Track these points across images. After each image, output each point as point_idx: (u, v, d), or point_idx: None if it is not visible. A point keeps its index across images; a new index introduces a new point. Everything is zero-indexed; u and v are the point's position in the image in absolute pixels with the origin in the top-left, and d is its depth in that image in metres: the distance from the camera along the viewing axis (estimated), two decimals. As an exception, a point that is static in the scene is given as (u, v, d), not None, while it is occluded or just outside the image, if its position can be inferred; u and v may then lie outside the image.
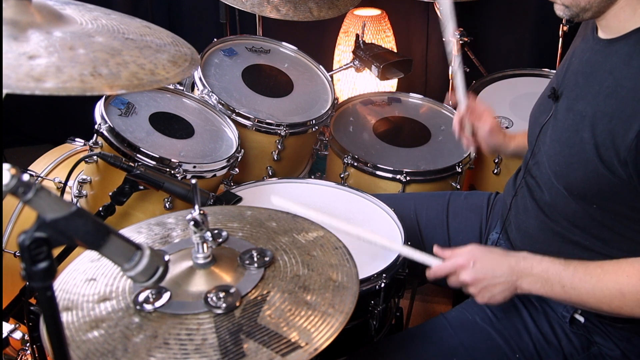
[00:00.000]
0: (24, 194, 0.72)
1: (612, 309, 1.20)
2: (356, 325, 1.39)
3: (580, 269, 1.22)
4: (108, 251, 0.81)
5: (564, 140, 1.27)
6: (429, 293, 2.41)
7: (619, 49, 1.20)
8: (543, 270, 1.24)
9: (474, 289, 1.28)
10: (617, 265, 1.20)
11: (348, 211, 1.60)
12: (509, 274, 1.25)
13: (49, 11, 1.01)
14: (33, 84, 0.82)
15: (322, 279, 0.98)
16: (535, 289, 1.25)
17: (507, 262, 1.26)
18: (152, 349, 0.86)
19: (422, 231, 1.64)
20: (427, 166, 2.04)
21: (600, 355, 1.32)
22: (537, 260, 1.25)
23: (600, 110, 1.20)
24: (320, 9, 2.15)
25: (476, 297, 1.29)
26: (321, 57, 2.50)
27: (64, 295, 0.97)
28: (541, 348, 1.33)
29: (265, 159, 2.03)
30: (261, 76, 2.13)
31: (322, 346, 0.86)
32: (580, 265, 1.22)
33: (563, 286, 1.22)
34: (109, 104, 1.73)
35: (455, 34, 1.61)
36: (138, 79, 0.92)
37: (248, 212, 1.19)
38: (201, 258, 0.97)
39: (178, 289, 0.95)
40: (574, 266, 1.22)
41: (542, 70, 2.46)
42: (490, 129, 1.59)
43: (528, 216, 1.39)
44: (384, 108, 2.32)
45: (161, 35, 1.12)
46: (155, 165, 1.61)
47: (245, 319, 0.90)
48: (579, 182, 1.24)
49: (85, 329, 0.90)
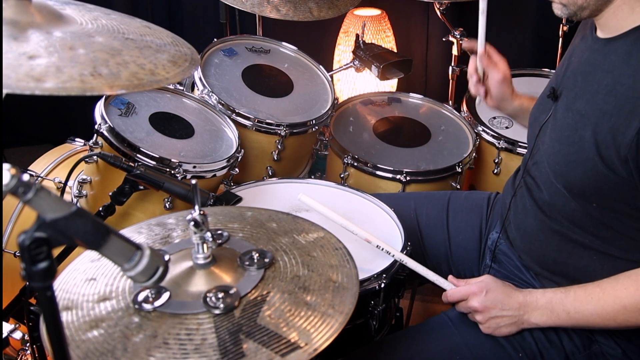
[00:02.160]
0: (24, 194, 0.72)
1: (619, 323, 1.22)
2: (356, 326, 1.39)
3: (580, 293, 1.25)
4: (108, 251, 0.81)
5: (564, 139, 1.27)
6: (429, 293, 2.41)
7: (618, 47, 1.20)
8: (547, 302, 1.28)
9: (482, 317, 1.32)
10: (615, 281, 1.23)
11: (348, 211, 1.60)
12: (516, 309, 1.30)
13: (49, 11, 1.01)
14: (33, 84, 0.82)
15: (322, 280, 0.98)
16: (543, 321, 1.29)
17: (515, 297, 1.31)
18: (151, 349, 0.86)
19: (422, 231, 1.64)
20: (427, 166, 2.04)
21: (601, 354, 1.32)
22: (541, 293, 1.30)
23: (599, 108, 1.20)
24: (320, 9, 2.15)
25: (482, 325, 1.32)
26: (321, 57, 2.49)
27: (63, 295, 0.97)
28: (543, 346, 1.33)
29: (265, 159, 2.03)
30: (261, 76, 2.13)
31: (321, 347, 0.86)
32: (579, 288, 1.26)
33: (568, 312, 1.26)
34: (109, 104, 1.73)
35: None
36: (138, 79, 0.92)
37: (248, 212, 1.19)
38: (201, 258, 0.97)
39: (178, 288, 0.95)
40: (574, 291, 1.26)
41: (542, 70, 2.46)
42: (502, 78, 1.57)
43: (527, 216, 1.39)
44: (384, 108, 2.32)
45: (161, 35, 1.12)
46: (155, 165, 1.61)
47: (244, 319, 0.90)
48: (578, 181, 1.24)
49: (85, 328, 0.90)
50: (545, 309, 1.28)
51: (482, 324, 1.32)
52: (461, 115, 2.27)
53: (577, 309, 1.25)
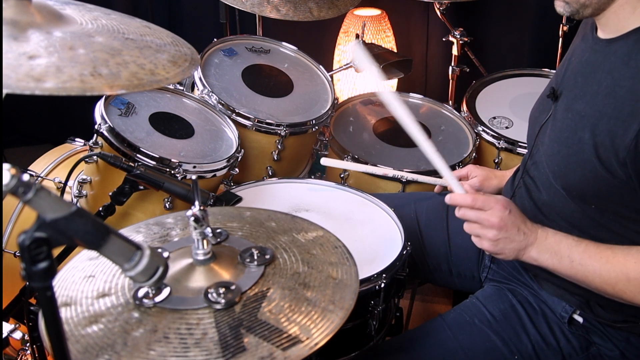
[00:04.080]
0: (24, 194, 0.72)
1: (616, 291, 1.20)
2: (356, 326, 1.39)
3: (592, 247, 1.22)
4: (108, 251, 0.81)
5: (563, 140, 1.27)
6: (429, 293, 2.41)
7: (618, 48, 1.20)
8: (556, 242, 1.25)
9: (494, 234, 1.24)
10: (627, 251, 1.20)
11: (348, 211, 1.60)
12: (527, 235, 1.25)
13: (49, 11, 1.01)
14: (33, 84, 0.82)
15: (322, 277, 0.98)
16: (544, 259, 1.25)
17: (530, 225, 1.26)
18: (152, 343, 0.86)
19: (422, 231, 1.64)
20: (427, 166, 2.03)
21: (599, 356, 1.32)
22: (552, 232, 1.26)
23: (599, 110, 1.19)
24: (320, 9, 2.15)
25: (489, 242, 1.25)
26: (321, 57, 2.50)
27: (62, 292, 0.97)
28: (540, 349, 1.33)
29: (265, 159, 2.03)
30: (261, 76, 2.13)
31: (322, 341, 0.86)
32: (592, 244, 1.23)
33: (572, 261, 1.22)
34: (109, 104, 1.73)
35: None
36: (138, 79, 0.92)
37: (247, 212, 1.19)
38: (201, 254, 0.97)
39: (178, 285, 0.95)
40: (586, 244, 1.23)
41: (542, 70, 2.46)
42: (480, 181, 1.64)
43: (526, 216, 1.39)
44: (384, 108, 2.32)
45: (161, 35, 1.12)
46: (155, 165, 1.62)
47: (245, 315, 0.90)
48: (577, 183, 1.24)
49: (84, 323, 0.90)
50: (551, 247, 1.24)
51: (491, 239, 1.25)
52: (461, 115, 2.27)
53: (582, 261, 1.21)
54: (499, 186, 1.64)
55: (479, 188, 1.64)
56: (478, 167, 1.68)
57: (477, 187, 1.64)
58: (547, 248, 1.25)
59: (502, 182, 1.64)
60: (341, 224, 1.54)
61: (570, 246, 1.23)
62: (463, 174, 1.68)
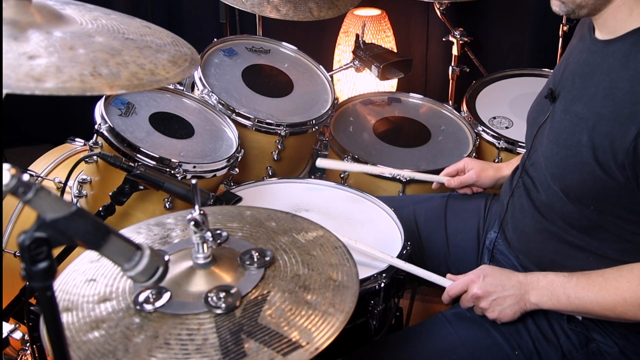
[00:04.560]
0: (24, 194, 0.72)
1: (617, 315, 1.22)
2: (356, 325, 1.39)
3: (583, 279, 1.25)
4: (108, 251, 0.81)
5: (561, 142, 1.27)
6: (429, 293, 2.41)
7: (616, 50, 1.20)
8: (548, 283, 1.28)
9: (485, 303, 1.31)
10: (618, 272, 1.22)
11: (348, 211, 1.60)
12: (517, 288, 1.29)
13: (49, 11, 1.01)
14: (33, 84, 0.82)
15: (322, 279, 0.98)
16: (543, 302, 1.28)
17: (515, 277, 1.31)
18: (153, 349, 0.86)
19: (421, 232, 1.64)
20: (427, 166, 2.04)
21: (598, 353, 1.33)
22: (542, 275, 1.29)
23: (597, 112, 1.19)
24: (320, 9, 2.15)
25: (487, 311, 1.32)
26: (321, 57, 2.50)
27: (64, 296, 0.97)
28: (540, 345, 1.33)
29: (265, 159, 2.03)
30: (261, 76, 2.13)
31: (323, 345, 0.86)
32: (582, 275, 1.25)
33: (568, 297, 1.25)
34: (109, 104, 1.73)
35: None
36: (138, 79, 0.92)
37: (247, 212, 1.19)
38: (201, 258, 0.97)
39: (178, 289, 0.95)
40: (577, 277, 1.25)
41: (542, 70, 2.46)
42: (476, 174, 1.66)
43: (524, 216, 1.39)
44: (384, 108, 2.32)
45: (161, 35, 1.12)
46: (155, 165, 1.61)
47: (246, 319, 0.90)
48: (575, 184, 1.24)
49: (86, 329, 0.90)
50: (546, 289, 1.27)
51: (487, 309, 1.31)
52: (461, 115, 2.27)
53: (577, 295, 1.24)
54: (495, 177, 1.66)
55: (476, 180, 1.66)
56: (473, 159, 1.70)
57: (474, 180, 1.67)
58: (543, 291, 1.28)
59: (499, 172, 1.66)
60: (341, 224, 1.54)
61: (563, 283, 1.26)
62: (459, 167, 1.70)
